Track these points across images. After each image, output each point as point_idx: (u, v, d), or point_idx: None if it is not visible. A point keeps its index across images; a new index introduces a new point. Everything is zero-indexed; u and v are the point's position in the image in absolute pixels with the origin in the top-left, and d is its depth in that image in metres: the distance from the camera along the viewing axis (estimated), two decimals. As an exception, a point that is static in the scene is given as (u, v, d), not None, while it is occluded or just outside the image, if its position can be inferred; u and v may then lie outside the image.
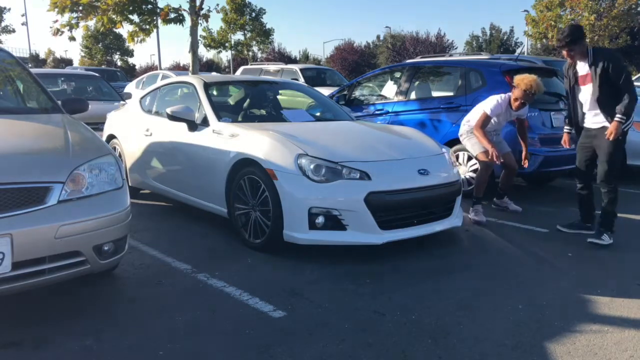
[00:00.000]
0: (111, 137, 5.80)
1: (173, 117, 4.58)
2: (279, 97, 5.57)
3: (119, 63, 52.99)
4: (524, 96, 4.91)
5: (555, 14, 23.85)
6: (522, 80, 4.89)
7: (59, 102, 3.84)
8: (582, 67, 4.25)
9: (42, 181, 2.67)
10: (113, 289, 3.34)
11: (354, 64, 39.59)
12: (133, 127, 5.49)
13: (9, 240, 2.46)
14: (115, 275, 3.47)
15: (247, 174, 3.99)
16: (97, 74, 10.20)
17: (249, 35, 37.24)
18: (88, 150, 3.08)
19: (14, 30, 52.67)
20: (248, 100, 5.31)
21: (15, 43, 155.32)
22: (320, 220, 3.66)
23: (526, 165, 5.25)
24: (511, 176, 5.36)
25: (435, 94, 6.61)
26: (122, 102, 8.31)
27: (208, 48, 37.38)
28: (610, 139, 4.08)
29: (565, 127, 4.63)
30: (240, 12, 35.54)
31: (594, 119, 4.27)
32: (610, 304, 3.14)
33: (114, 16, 10.69)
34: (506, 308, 3.05)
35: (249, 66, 16.61)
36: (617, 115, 4.03)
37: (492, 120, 5.06)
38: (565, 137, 4.62)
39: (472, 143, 5.15)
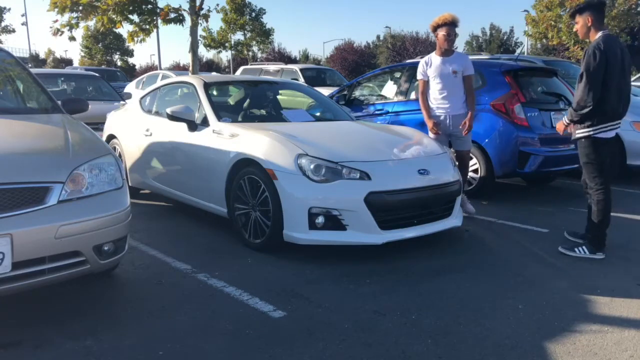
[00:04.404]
0: (111, 137, 5.81)
1: (173, 117, 4.58)
2: (279, 97, 5.57)
3: (119, 63, 52.98)
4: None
5: (555, 14, 23.80)
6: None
7: (59, 102, 3.84)
8: None
9: (42, 181, 2.67)
10: (113, 289, 3.34)
11: (354, 64, 39.57)
12: (133, 127, 5.49)
13: (9, 240, 2.47)
14: (115, 275, 3.47)
15: (247, 174, 3.99)
16: (97, 74, 10.20)
17: (249, 35, 37.28)
18: (88, 150, 3.08)
19: (14, 30, 52.83)
20: (248, 100, 5.31)
21: (15, 43, 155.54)
22: (320, 220, 3.66)
23: (464, 133, 4.86)
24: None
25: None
26: (122, 102, 8.30)
27: (208, 48, 37.48)
28: None
29: None
30: (240, 12, 35.59)
31: None
32: (610, 304, 3.14)
33: (114, 16, 10.72)
34: (506, 308, 3.05)
35: (249, 66, 16.61)
36: None
37: (434, 85, 4.91)
38: None
39: None
